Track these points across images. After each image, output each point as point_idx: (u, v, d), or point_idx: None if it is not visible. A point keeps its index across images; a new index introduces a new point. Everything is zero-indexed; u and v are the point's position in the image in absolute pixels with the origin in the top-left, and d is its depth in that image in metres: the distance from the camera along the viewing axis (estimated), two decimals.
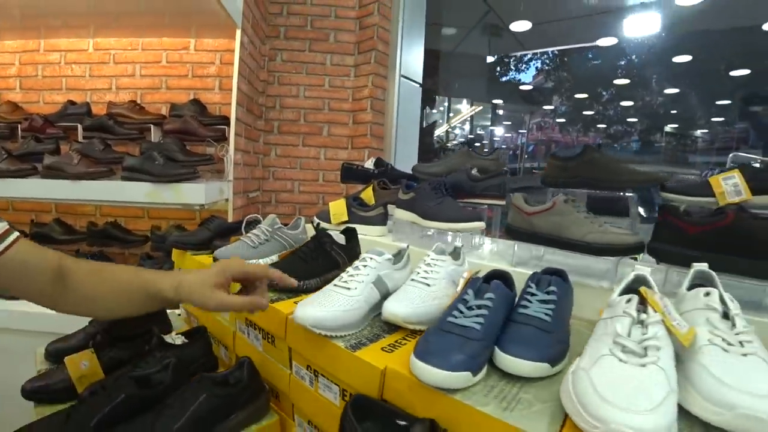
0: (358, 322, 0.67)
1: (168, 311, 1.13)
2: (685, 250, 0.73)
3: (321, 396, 0.68)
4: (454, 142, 8.72)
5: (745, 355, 0.46)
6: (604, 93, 8.50)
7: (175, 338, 0.92)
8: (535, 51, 7.52)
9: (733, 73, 5.39)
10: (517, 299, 0.65)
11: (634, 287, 0.57)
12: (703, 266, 0.63)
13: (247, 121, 1.90)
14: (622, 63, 7.09)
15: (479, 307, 0.59)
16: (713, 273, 0.61)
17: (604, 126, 8.73)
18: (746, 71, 5.27)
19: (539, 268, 0.91)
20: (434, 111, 7.40)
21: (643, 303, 0.51)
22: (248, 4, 1.79)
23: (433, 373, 0.49)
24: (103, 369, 0.86)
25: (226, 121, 1.73)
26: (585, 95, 8.38)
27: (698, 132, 7.32)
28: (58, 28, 1.96)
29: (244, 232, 1.04)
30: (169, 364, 0.79)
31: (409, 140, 2.22)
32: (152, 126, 1.76)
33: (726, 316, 0.51)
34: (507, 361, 0.53)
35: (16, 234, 0.60)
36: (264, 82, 2.11)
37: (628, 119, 8.17)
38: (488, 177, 1.10)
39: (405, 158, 2.12)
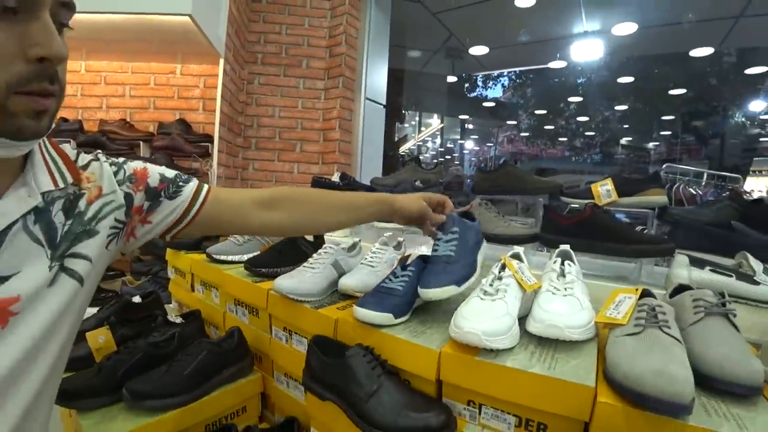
0: (320, 292, 0.91)
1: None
2: (561, 237, 1.00)
3: (294, 350, 0.91)
4: (426, 155, 9.08)
5: (565, 296, 0.72)
6: (566, 109, 9.06)
7: (175, 318, 1.13)
8: (500, 71, 7.97)
9: (672, 92, 5.97)
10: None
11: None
12: (566, 247, 0.90)
13: (228, 139, 2.12)
14: (578, 82, 7.64)
15: (402, 276, 0.84)
16: (570, 251, 0.88)
17: (565, 139, 9.30)
18: (683, 90, 5.84)
19: None
20: (406, 125, 7.74)
21: (504, 267, 0.77)
22: (229, 34, 2.03)
23: (365, 313, 0.73)
24: (116, 343, 1.06)
25: (209, 138, 1.95)
26: (545, 111, 8.92)
27: (650, 144, 7.93)
28: None
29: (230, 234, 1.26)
30: (175, 334, 1.01)
31: (374, 155, 2.49)
32: (141, 143, 1.96)
33: (563, 274, 0.78)
34: (422, 293, 0.75)
35: (206, 187, 0.68)
36: (243, 103, 2.34)
37: (587, 133, 8.74)
38: (427, 187, 1.37)
39: (370, 171, 2.38)
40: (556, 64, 4.62)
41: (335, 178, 1.58)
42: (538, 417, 0.60)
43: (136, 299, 1.21)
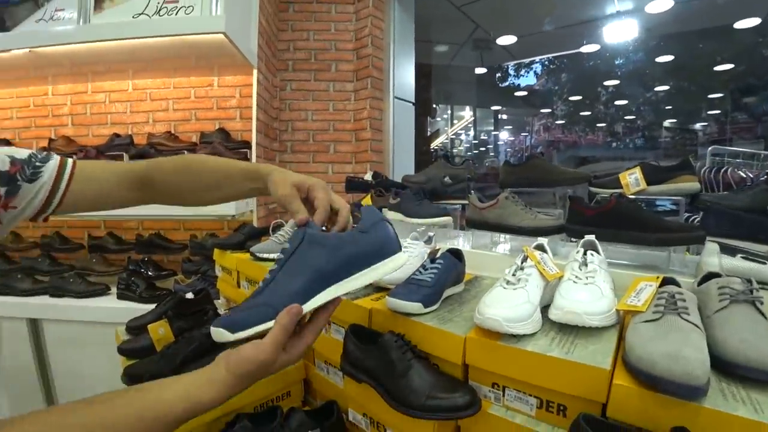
0: None
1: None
2: (585, 227, 1.02)
3: (333, 338, 0.98)
4: (459, 148, 9.01)
5: (586, 284, 0.75)
6: (603, 93, 8.72)
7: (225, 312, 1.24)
8: (530, 59, 7.77)
9: (718, 68, 5.63)
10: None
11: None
12: (591, 237, 0.93)
13: (264, 144, 2.24)
14: (614, 64, 7.34)
15: (432, 269, 0.89)
16: (595, 241, 0.91)
17: (604, 125, 8.95)
18: (730, 66, 5.50)
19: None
20: (437, 119, 7.72)
21: (526, 258, 0.81)
22: (260, 45, 2.14)
23: (397, 303, 0.79)
24: (174, 334, 1.18)
25: (247, 145, 2.07)
26: (580, 97, 8.61)
27: (698, 125, 7.49)
28: (103, 73, 2.33)
29: (271, 234, 1.36)
30: None
31: (406, 152, 2.54)
32: (186, 152, 2.10)
33: (585, 264, 0.81)
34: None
35: (71, 161, 0.65)
36: (277, 109, 2.46)
37: (627, 117, 8.36)
38: (455, 183, 1.41)
39: (403, 168, 2.44)
40: (589, 48, 4.48)
41: (368, 176, 1.65)
42: (558, 399, 0.64)
43: (189, 295, 1.33)
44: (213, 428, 0.92)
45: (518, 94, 8.79)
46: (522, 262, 0.79)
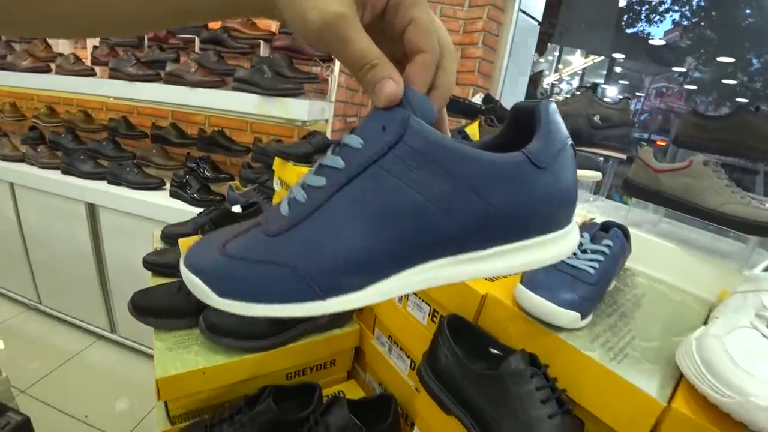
0: None
1: None
2: None
3: (409, 314, 0.69)
4: (558, 97, 7.99)
5: None
6: (755, 60, 7.11)
7: None
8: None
9: None
10: None
11: None
12: None
13: None
14: None
15: (594, 251, 0.54)
16: None
17: (745, 101, 7.40)
18: None
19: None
20: (542, 60, 6.77)
21: None
22: None
23: (541, 305, 0.46)
24: None
25: None
26: (731, 59, 7.07)
27: None
28: None
29: None
30: None
31: (517, 85, 2.05)
32: (262, 42, 1.80)
33: None
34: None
35: None
36: None
37: None
38: (611, 126, 0.98)
39: (509, 104, 1.97)
40: None
41: (476, 99, 1.25)
42: None
43: (236, 209, 1.09)
44: (225, 397, 0.69)
45: (654, 42, 7.38)
46: None
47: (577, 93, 1.23)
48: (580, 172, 0.86)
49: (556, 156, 0.26)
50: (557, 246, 0.28)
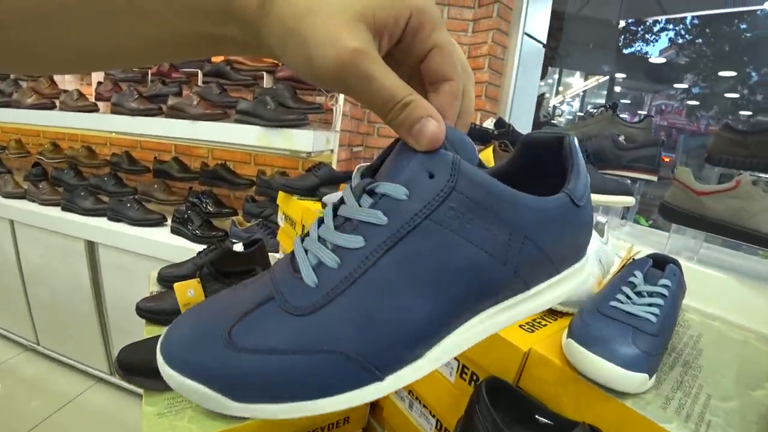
0: None
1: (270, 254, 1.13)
2: None
3: (436, 370, 0.60)
4: (560, 119, 8.01)
5: None
6: (753, 73, 7.12)
7: None
8: (671, 16, 6.46)
9: None
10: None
11: None
12: None
13: None
14: None
15: (651, 294, 0.46)
16: None
17: (749, 114, 7.37)
18: None
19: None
20: (542, 84, 6.82)
21: None
22: None
23: (602, 367, 0.38)
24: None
25: None
26: (732, 73, 7.06)
27: None
28: None
29: None
30: None
31: (525, 108, 2.01)
32: (265, 73, 1.78)
33: None
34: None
35: None
36: None
37: None
38: (638, 146, 0.91)
39: (520, 127, 1.92)
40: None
41: (488, 124, 1.20)
42: None
43: (238, 247, 1.02)
44: None
45: (654, 60, 7.39)
46: None
47: (594, 111, 1.17)
48: (613, 198, 0.78)
49: (586, 191, 0.27)
50: (584, 271, 0.29)
